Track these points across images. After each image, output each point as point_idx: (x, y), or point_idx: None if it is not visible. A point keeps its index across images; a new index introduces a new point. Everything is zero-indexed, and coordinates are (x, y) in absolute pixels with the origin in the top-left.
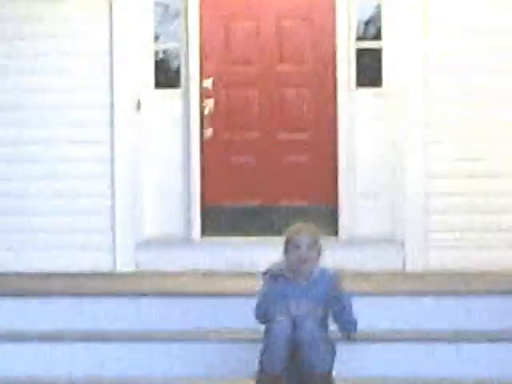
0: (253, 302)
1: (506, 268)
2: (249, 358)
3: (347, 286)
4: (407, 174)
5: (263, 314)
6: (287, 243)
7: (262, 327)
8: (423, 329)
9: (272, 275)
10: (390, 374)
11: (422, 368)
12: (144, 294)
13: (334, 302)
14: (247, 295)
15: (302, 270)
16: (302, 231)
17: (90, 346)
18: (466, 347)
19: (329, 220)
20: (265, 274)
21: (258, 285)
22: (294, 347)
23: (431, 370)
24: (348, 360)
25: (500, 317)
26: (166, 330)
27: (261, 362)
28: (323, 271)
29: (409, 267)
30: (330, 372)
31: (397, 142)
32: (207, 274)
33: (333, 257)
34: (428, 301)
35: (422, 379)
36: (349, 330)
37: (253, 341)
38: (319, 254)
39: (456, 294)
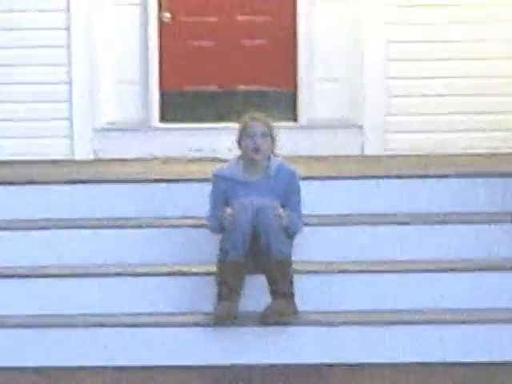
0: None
1: (463, 150)
2: (209, 244)
3: (305, 170)
4: (367, 57)
5: (217, 224)
6: (240, 132)
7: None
8: (383, 212)
9: (221, 177)
10: (347, 257)
11: (382, 251)
12: (102, 181)
13: (285, 200)
14: (207, 180)
15: (257, 159)
16: (256, 120)
17: (44, 233)
18: (425, 228)
19: (288, 105)
20: (214, 176)
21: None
22: (254, 234)
23: (390, 253)
24: (305, 244)
25: (457, 198)
26: (125, 217)
27: (222, 250)
28: (280, 168)
29: (367, 151)
30: (288, 258)
31: (357, 24)
32: (166, 160)
33: (292, 142)
34: (386, 183)
35: (379, 261)
36: (292, 230)
37: None
38: (273, 143)
39: (414, 176)
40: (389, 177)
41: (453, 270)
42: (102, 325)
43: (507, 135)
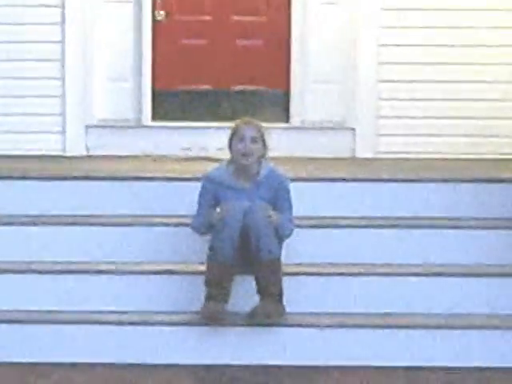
0: None
1: (453, 155)
2: (199, 244)
3: (296, 171)
4: (360, 60)
5: (201, 225)
6: (231, 136)
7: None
8: (372, 215)
9: (211, 180)
10: (336, 260)
11: (370, 254)
12: (93, 178)
13: (276, 204)
14: (197, 179)
15: (246, 164)
16: (247, 125)
17: (37, 229)
18: (416, 233)
19: (281, 106)
20: (204, 178)
21: (206, 170)
22: (243, 235)
23: (378, 256)
24: (295, 246)
25: (445, 203)
26: (115, 214)
27: (212, 249)
28: (271, 173)
29: (359, 153)
30: (278, 259)
31: (351, 27)
32: (157, 159)
33: (284, 143)
34: (376, 186)
35: (368, 264)
36: (281, 233)
37: None
38: (265, 148)
39: (404, 180)
40: (379, 180)
41: (440, 274)
42: (90, 322)
43: (497, 141)
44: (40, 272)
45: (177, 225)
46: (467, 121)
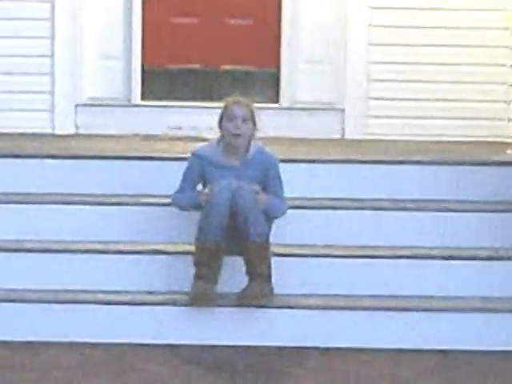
0: None
1: (443, 137)
2: (189, 224)
3: (285, 152)
4: (350, 41)
5: (183, 199)
6: (222, 115)
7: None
8: (362, 197)
9: (199, 157)
10: (324, 241)
11: (360, 236)
12: (82, 157)
13: (265, 184)
14: (186, 159)
15: (236, 144)
16: (238, 104)
17: (26, 208)
18: (403, 215)
19: (271, 86)
20: (192, 154)
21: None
22: (232, 214)
23: (364, 237)
24: (284, 227)
25: (434, 185)
26: (103, 193)
27: (200, 230)
28: (260, 152)
29: (348, 134)
30: (266, 239)
31: (341, 8)
32: (146, 138)
33: (273, 123)
34: (365, 168)
35: (358, 246)
36: (273, 213)
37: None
38: (255, 128)
39: (394, 162)
40: (367, 162)
41: (432, 257)
42: (79, 302)
43: (488, 123)
44: (29, 250)
45: (166, 204)
46: (457, 103)
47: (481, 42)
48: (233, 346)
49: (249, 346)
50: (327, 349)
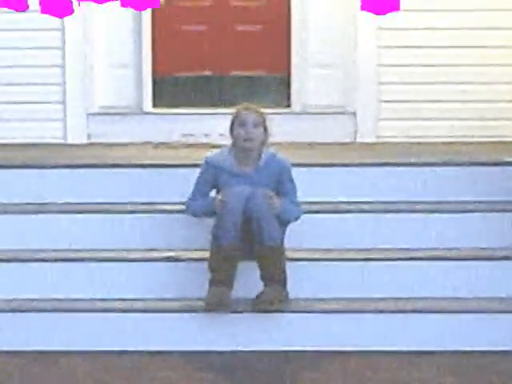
0: None
1: (455, 138)
2: (203, 231)
3: (297, 157)
4: (360, 43)
5: (196, 206)
6: (233, 121)
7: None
8: (375, 200)
9: (212, 164)
10: (338, 245)
11: (373, 239)
12: (95, 166)
13: (279, 190)
14: (199, 166)
15: (249, 148)
16: (248, 110)
17: (37, 218)
18: (417, 217)
19: (281, 91)
20: (205, 162)
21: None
22: (246, 220)
23: (378, 240)
24: (298, 232)
25: (446, 187)
26: (117, 202)
27: (215, 236)
28: (272, 159)
29: (360, 138)
30: (280, 244)
31: (351, 10)
32: (158, 145)
33: (285, 128)
34: (378, 171)
35: (371, 249)
36: (286, 218)
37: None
38: (266, 134)
39: (407, 164)
40: (380, 164)
41: (448, 258)
42: (93, 310)
43: (499, 124)
44: (43, 260)
45: (179, 211)
46: (469, 104)
47: (491, 42)
48: (248, 352)
49: (264, 351)
50: (343, 352)
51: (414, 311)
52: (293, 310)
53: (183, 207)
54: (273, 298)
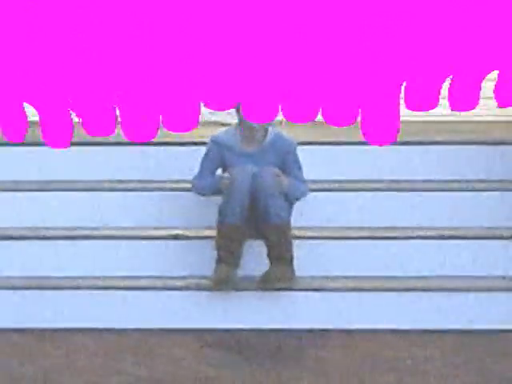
0: None
1: (462, 117)
2: (208, 209)
3: (301, 136)
4: None
5: (204, 185)
6: None
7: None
8: (380, 178)
9: (218, 143)
10: (344, 223)
11: (379, 217)
12: (103, 144)
13: (285, 168)
14: (205, 144)
15: (254, 127)
16: None
17: (41, 195)
18: (424, 196)
19: None
20: (211, 141)
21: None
22: (252, 199)
23: (384, 219)
24: (304, 210)
25: (457, 166)
26: (124, 179)
27: (222, 214)
28: (278, 138)
29: None
30: (287, 222)
31: None
32: None
33: None
34: (382, 150)
35: (376, 228)
36: (293, 196)
37: None
38: None
39: (412, 143)
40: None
41: (456, 237)
42: (100, 288)
43: None
44: (53, 238)
45: (186, 190)
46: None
47: None
48: (255, 329)
49: (271, 329)
50: (349, 330)
51: (420, 290)
52: (299, 288)
53: (190, 185)
54: (280, 276)
